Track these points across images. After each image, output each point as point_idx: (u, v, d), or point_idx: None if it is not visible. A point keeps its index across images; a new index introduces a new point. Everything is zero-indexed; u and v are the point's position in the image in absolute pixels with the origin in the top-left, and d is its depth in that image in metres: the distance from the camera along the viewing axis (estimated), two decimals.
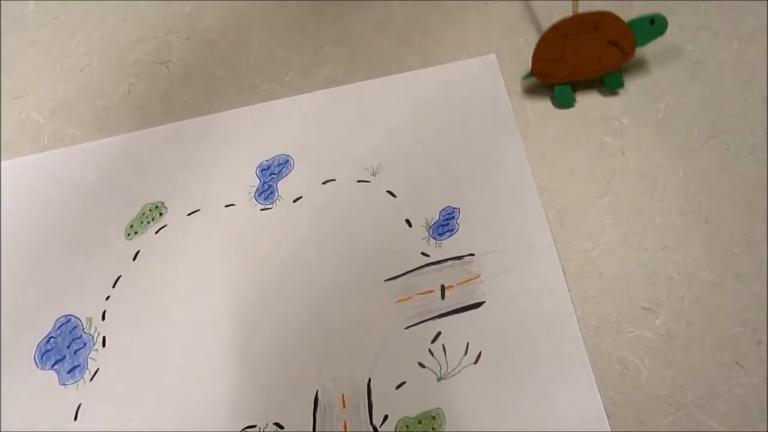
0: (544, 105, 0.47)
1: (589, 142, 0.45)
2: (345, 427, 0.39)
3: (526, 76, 0.46)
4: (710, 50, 0.47)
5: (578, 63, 0.45)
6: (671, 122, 0.45)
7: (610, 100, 0.46)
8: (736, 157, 0.43)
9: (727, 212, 0.42)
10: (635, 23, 0.44)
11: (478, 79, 0.48)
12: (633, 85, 0.47)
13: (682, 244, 0.41)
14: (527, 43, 0.49)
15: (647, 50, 0.47)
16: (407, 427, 0.38)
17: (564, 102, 0.46)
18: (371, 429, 0.38)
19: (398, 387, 0.39)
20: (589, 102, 0.46)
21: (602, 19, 0.44)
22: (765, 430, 0.36)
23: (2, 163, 0.50)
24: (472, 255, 0.42)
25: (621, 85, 0.46)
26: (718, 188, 0.43)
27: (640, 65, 0.47)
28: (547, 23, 0.50)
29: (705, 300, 0.40)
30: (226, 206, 0.46)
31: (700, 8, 0.49)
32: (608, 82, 0.46)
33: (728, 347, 0.38)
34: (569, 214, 0.43)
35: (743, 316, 0.39)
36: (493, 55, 0.49)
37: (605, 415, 0.37)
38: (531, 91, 0.47)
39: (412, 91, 0.48)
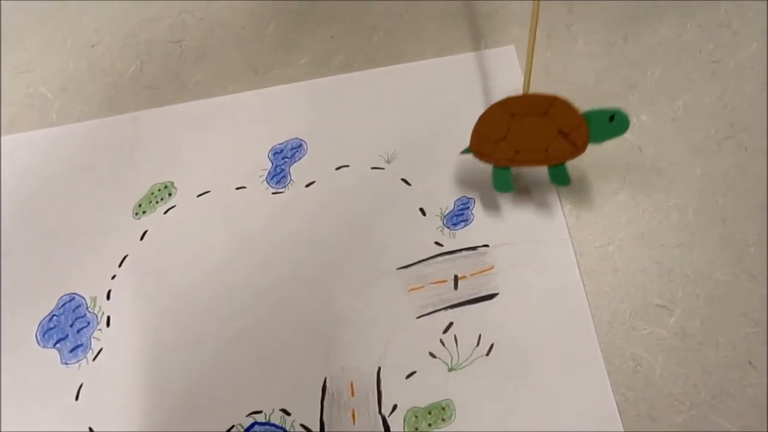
0: None
1: None
2: (353, 415, 0.38)
3: (465, 151, 0.40)
4: (730, 50, 0.47)
5: (522, 148, 0.39)
6: (689, 121, 0.45)
7: (630, 96, 0.46)
8: (754, 157, 0.43)
9: (744, 212, 0.42)
10: (591, 116, 0.37)
11: (496, 69, 0.47)
12: (652, 81, 0.46)
13: (697, 243, 0.41)
14: (547, 36, 0.49)
15: (666, 49, 0.47)
16: (416, 417, 0.38)
17: (501, 187, 0.41)
18: (380, 418, 0.38)
19: (408, 376, 0.39)
20: (605, 99, 0.46)
21: (554, 105, 0.37)
22: None
23: (7, 137, 0.49)
24: (487, 246, 0.41)
25: (566, 182, 0.40)
26: (735, 188, 0.42)
27: (659, 63, 0.47)
28: (566, 17, 0.49)
29: (719, 299, 0.39)
30: (237, 189, 0.45)
31: (721, 8, 0.48)
32: (553, 175, 0.40)
33: (741, 347, 0.38)
34: (585, 209, 0.43)
35: (756, 316, 0.39)
36: (512, 47, 0.48)
37: (617, 411, 0.37)
38: (549, 84, 0.47)
39: (429, 79, 0.48)
